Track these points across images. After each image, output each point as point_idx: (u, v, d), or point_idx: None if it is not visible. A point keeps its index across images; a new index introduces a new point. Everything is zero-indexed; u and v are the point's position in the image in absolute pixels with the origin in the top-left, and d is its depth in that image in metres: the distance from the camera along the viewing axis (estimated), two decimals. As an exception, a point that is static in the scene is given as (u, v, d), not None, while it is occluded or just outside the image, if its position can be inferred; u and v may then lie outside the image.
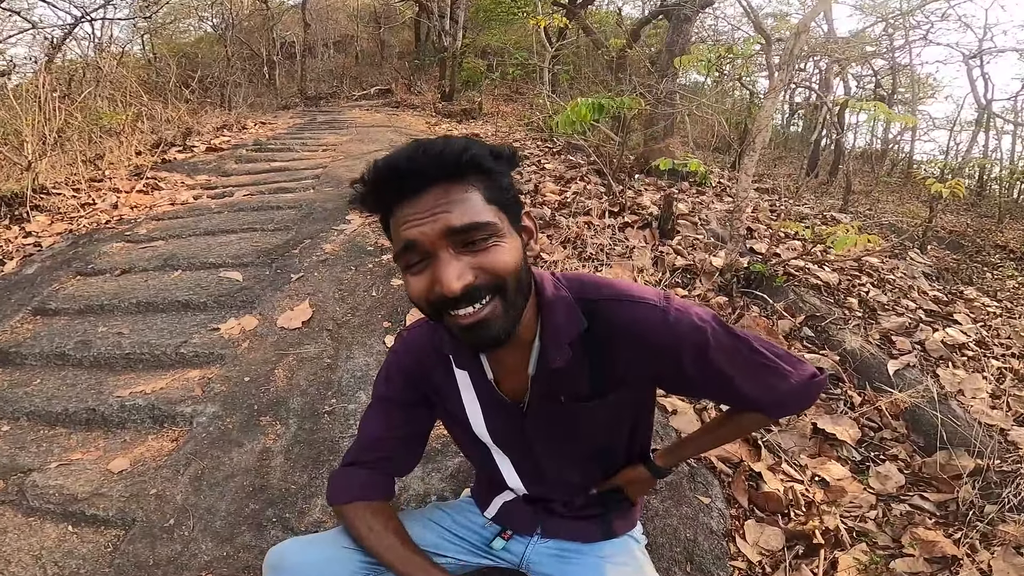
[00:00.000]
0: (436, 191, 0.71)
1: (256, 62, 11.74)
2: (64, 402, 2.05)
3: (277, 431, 1.82)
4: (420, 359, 0.96)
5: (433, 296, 0.73)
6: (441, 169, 0.71)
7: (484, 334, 0.74)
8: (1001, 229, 7.85)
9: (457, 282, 0.70)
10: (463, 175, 0.72)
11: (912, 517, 1.76)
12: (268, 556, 0.93)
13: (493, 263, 0.72)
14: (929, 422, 2.10)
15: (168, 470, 1.72)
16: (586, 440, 0.95)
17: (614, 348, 0.85)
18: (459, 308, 0.72)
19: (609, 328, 0.84)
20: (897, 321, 2.81)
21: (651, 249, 3.14)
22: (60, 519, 1.61)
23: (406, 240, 0.72)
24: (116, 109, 6.08)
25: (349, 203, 0.80)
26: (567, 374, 0.86)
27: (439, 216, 0.70)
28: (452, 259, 0.71)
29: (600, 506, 1.07)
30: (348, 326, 2.37)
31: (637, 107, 3.03)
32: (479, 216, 0.71)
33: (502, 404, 0.92)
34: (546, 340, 0.84)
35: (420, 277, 0.73)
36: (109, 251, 3.23)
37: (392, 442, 1.00)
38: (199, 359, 2.22)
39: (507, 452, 1.00)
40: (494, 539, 1.08)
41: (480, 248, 0.72)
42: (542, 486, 1.03)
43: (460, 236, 0.71)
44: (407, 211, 0.72)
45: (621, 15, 6.86)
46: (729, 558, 1.52)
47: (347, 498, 0.97)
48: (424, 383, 0.97)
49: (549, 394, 0.88)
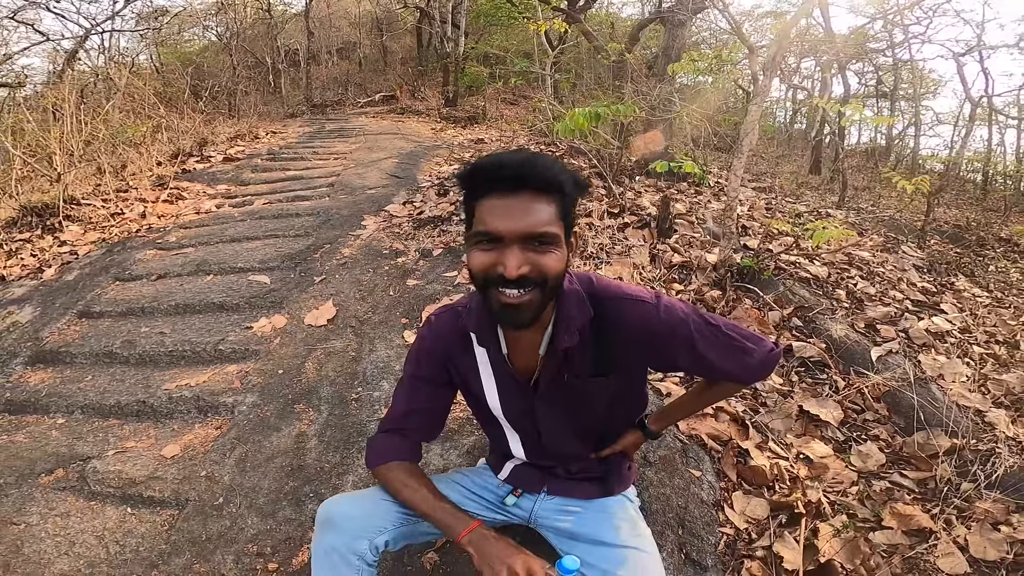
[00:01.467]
0: (527, 196, 0.90)
1: (261, 70, 11.96)
2: (116, 396, 2.25)
3: (311, 417, 2.02)
4: (445, 343, 1.15)
5: (491, 272, 0.91)
6: (539, 181, 0.90)
7: (517, 315, 0.93)
8: (1006, 222, 7.93)
9: (517, 270, 0.89)
10: (550, 191, 0.91)
11: (891, 493, 1.89)
12: (319, 512, 1.11)
13: (546, 265, 0.91)
14: (909, 404, 2.26)
15: (215, 454, 1.92)
16: (586, 415, 1.14)
17: (616, 337, 1.05)
18: (508, 288, 0.91)
19: (614, 321, 1.04)
20: (882, 310, 2.98)
21: (649, 247, 3.32)
22: (119, 502, 1.78)
23: (491, 228, 0.90)
24: (136, 121, 6.32)
25: (453, 176, 1.06)
26: (574, 355, 1.06)
27: (525, 219, 0.89)
28: (519, 251, 0.90)
29: (598, 469, 1.26)
30: (369, 323, 2.57)
31: (633, 114, 3.21)
32: (551, 228, 0.91)
33: (514, 380, 1.10)
34: (559, 325, 1.03)
35: (487, 255, 0.92)
36: (143, 258, 3.46)
37: (419, 413, 1.19)
38: (236, 355, 2.43)
39: (515, 427, 1.18)
40: (507, 496, 1.27)
41: (540, 250, 0.91)
42: (542, 457, 1.22)
43: (534, 238, 0.90)
44: (499, 203, 0.90)
45: (614, 27, 7.00)
46: (718, 525, 1.69)
47: (384, 459, 1.16)
48: (448, 363, 1.16)
49: (557, 372, 1.08)
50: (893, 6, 8.79)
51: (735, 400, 2.24)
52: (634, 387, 1.21)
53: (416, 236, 3.45)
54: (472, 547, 1.02)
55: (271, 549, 1.56)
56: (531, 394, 1.11)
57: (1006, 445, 2.02)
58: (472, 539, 1.02)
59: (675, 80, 4.33)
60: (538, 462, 1.25)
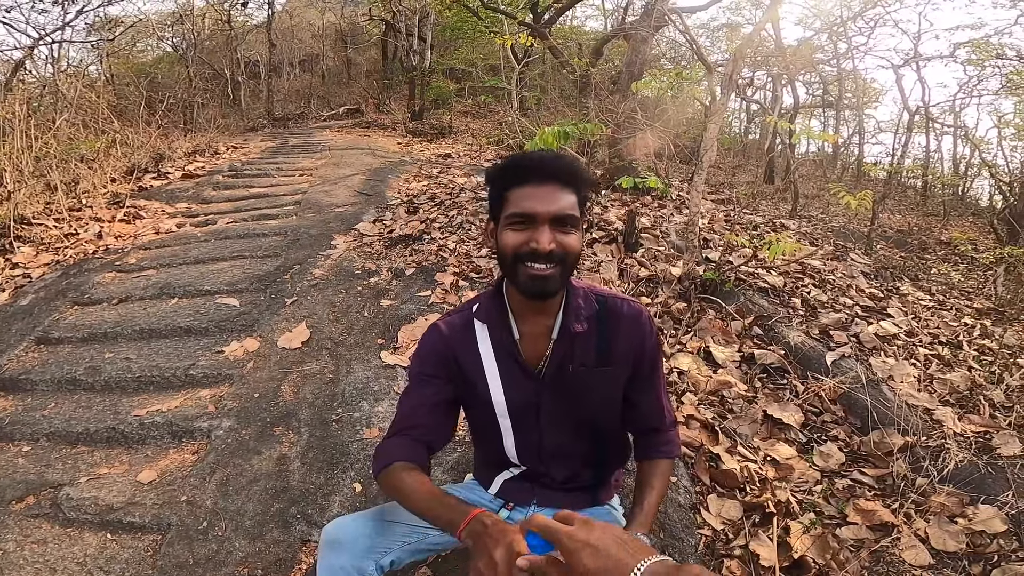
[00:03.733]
0: (554, 186, 1.06)
1: (220, 82, 11.71)
2: (83, 423, 2.20)
3: (291, 439, 2.01)
4: (449, 342, 1.20)
5: (523, 248, 1.05)
6: (565, 175, 1.08)
7: (545, 285, 1.07)
8: (945, 227, 8.44)
9: (548, 245, 1.04)
10: (572, 184, 1.08)
11: (853, 490, 2.00)
12: (325, 532, 1.12)
13: (569, 243, 1.07)
14: (863, 405, 2.40)
15: (195, 479, 1.89)
16: (586, 408, 1.21)
17: (616, 330, 1.19)
18: (538, 262, 1.05)
19: (615, 315, 1.19)
20: (834, 317, 3.15)
21: (617, 262, 3.42)
22: (98, 528, 1.76)
23: (526, 208, 1.05)
24: (88, 135, 6.10)
25: (485, 171, 1.20)
26: (581, 342, 1.17)
27: (555, 202, 1.05)
28: (549, 231, 1.05)
29: (586, 479, 1.32)
30: (345, 344, 2.57)
31: (600, 132, 3.32)
32: (574, 211, 1.07)
33: (521, 368, 1.17)
34: (569, 312, 1.16)
35: (520, 234, 1.06)
36: (102, 281, 3.35)
37: (424, 412, 1.18)
38: (208, 379, 2.39)
39: (515, 423, 1.22)
40: (499, 511, 1.31)
41: (564, 231, 1.06)
42: (539, 460, 1.26)
43: (560, 219, 1.05)
44: (531, 191, 1.06)
45: (582, 47, 7.17)
46: (696, 527, 1.77)
47: (388, 461, 1.13)
48: (451, 362, 1.20)
49: (563, 360, 1.16)
50: (837, 19, 9.32)
51: (704, 407, 2.34)
52: (626, 386, 1.25)
53: (388, 255, 3.46)
54: (471, 539, 0.94)
55: (263, 571, 1.56)
56: (536, 382, 1.18)
57: (954, 441, 2.17)
58: (471, 530, 0.95)
59: (638, 95, 4.48)
60: (529, 465, 1.28)
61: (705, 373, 2.58)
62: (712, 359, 2.72)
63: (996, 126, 9.95)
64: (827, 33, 9.45)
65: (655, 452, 1.27)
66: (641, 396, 1.24)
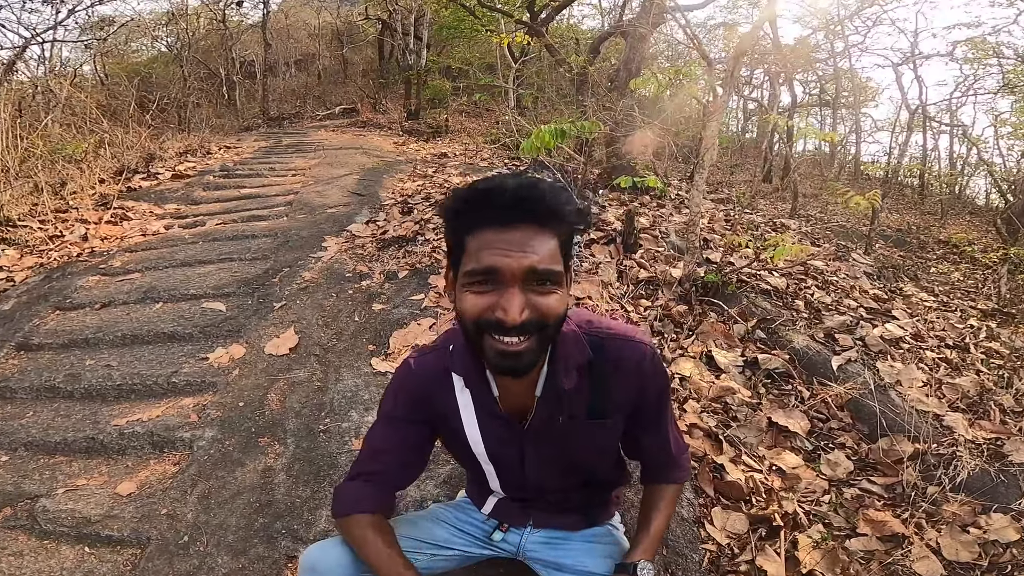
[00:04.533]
0: (528, 229, 0.80)
1: (214, 82, 11.61)
2: (62, 432, 2.11)
3: (276, 451, 1.93)
4: (425, 384, 1.07)
5: (488, 316, 0.81)
6: (544, 212, 0.80)
7: (516, 363, 0.84)
8: (943, 225, 8.42)
9: (519, 316, 0.79)
10: (552, 224, 0.81)
11: (862, 500, 1.93)
12: (303, 559, 1.04)
13: (548, 308, 0.82)
14: (870, 411, 2.33)
15: (175, 491, 1.81)
16: (577, 457, 1.10)
17: (616, 378, 1.00)
18: (507, 336, 0.81)
19: (614, 361, 0.99)
20: (839, 319, 3.08)
21: (616, 264, 3.34)
22: (75, 541, 1.69)
23: (488, 265, 0.79)
24: (76, 135, 5.99)
25: (436, 210, 0.94)
26: (570, 397, 1.00)
27: (527, 255, 0.79)
28: (519, 294, 0.80)
29: (580, 500, 1.23)
30: (334, 351, 2.49)
31: (597, 130, 3.24)
32: (555, 265, 0.81)
33: (504, 422, 1.04)
34: (557, 366, 0.97)
35: (482, 297, 0.81)
36: (85, 285, 3.25)
37: (394, 455, 1.09)
38: (191, 387, 2.30)
39: (497, 467, 1.12)
40: (494, 532, 1.23)
41: (542, 291, 0.81)
42: (522, 491, 1.18)
43: (535, 277, 0.80)
44: (494, 238, 0.79)
45: (579, 43, 7.11)
46: (700, 542, 1.69)
47: (350, 510, 1.05)
48: (427, 406, 1.08)
49: (551, 415, 1.02)
50: (834, 17, 9.28)
51: (707, 415, 2.26)
52: (624, 431, 1.16)
53: (380, 257, 3.37)
54: None
55: (245, 590, 1.47)
56: (520, 436, 1.06)
57: (966, 448, 2.10)
58: None
59: (636, 93, 4.41)
60: (518, 495, 1.21)
61: (707, 379, 2.50)
62: (714, 364, 2.64)
63: (993, 124, 9.94)
64: (824, 32, 9.41)
65: (663, 478, 1.17)
66: (645, 435, 1.11)
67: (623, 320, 2.76)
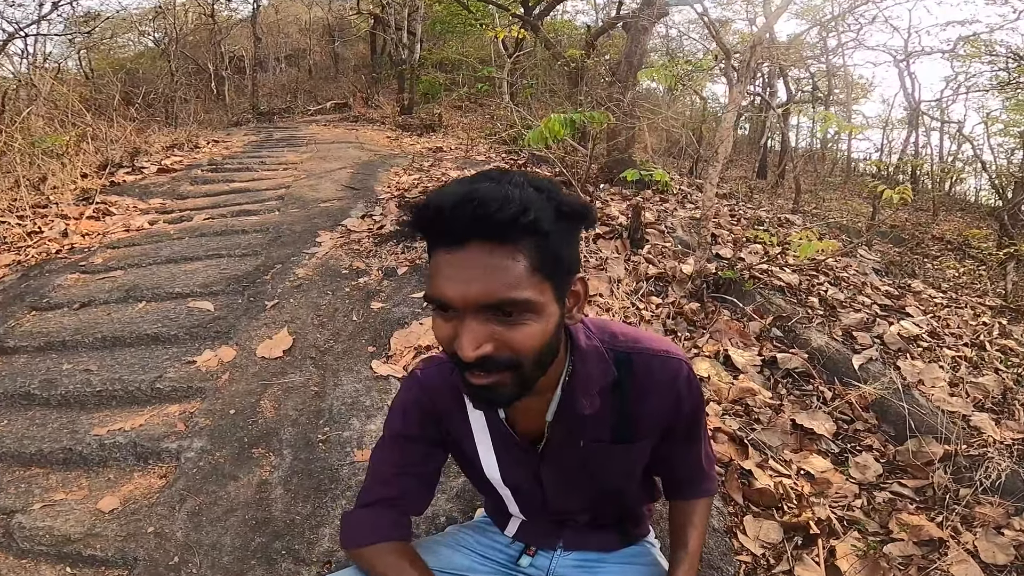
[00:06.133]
0: (479, 248, 0.64)
1: (203, 77, 11.36)
2: (37, 443, 1.95)
3: (272, 462, 1.78)
4: (434, 398, 0.94)
5: (452, 348, 0.69)
6: (489, 229, 0.63)
7: (489, 397, 0.72)
8: (937, 222, 8.44)
9: (472, 352, 0.66)
10: (515, 236, 0.64)
11: (895, 504, 1.86)
12: None
13: (514, 341, 0.67)
14: (896, 412, 2.24)
15: (163, 507, 1.67)
16: (601, 482, 0.97)
17: (646, 399, 0.88)
18: (471, 369, 0.69)
19: (644, 380, 0.86)
20: (856, 317, 2.98)
21: (624, 259, 3.22)
22: (56, 560, 1.56)
23: (437, 293, 0.67)
24: (56, 129, 5.78)
25: (397, 228, 0.78)
26: (591, 420, 0.87)
27: (473, 283, 0.64)
28: (477, 326, 0.66)
29: (614, 516, 1.10)
30: (332, 353, 2.34)
31: (606, 121, 3.12)
32: (516, 291, 0.65)
33: (517, 447, 0.92)
34: (577, 387, 0.84)
35: (448, 325, 0.69)
36: (64, 283, 3.07)
37: (409, 479, 0.97)
38: (177, 393, 2.14)
39: (515, 493, 1.00)
40: (520, 556, 1.09)
41: (508, 323, 0.67)
42: (545, 514, 1.05)
43: (493, 308, 0.66)
44: (444, 260, 0.66)
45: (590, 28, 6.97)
46: (734, 553, 1.58)
47: (369, 540, 0.93)
48: (438, 422, 0.96)
49: (569, 438, 0.89)
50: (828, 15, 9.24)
51: (729, 418, 2.14)
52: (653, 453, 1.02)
53: (378, 253, 3.21)
54: None
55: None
56: (536, 461, 0.93)
57: (995, 449, 2.03)
58: None
59: (639, 87, 4.29)
60: (537, 519, 1.08)
61: (726, 380, 2.38)
62: (731, 363, 2.53)
63: (983, 122, 9.94)
64: (818, 27, 9.36)
65: (692, 493, 1.05)
66: (676, 454, 0.98)
67: (637, 321, 2.64)
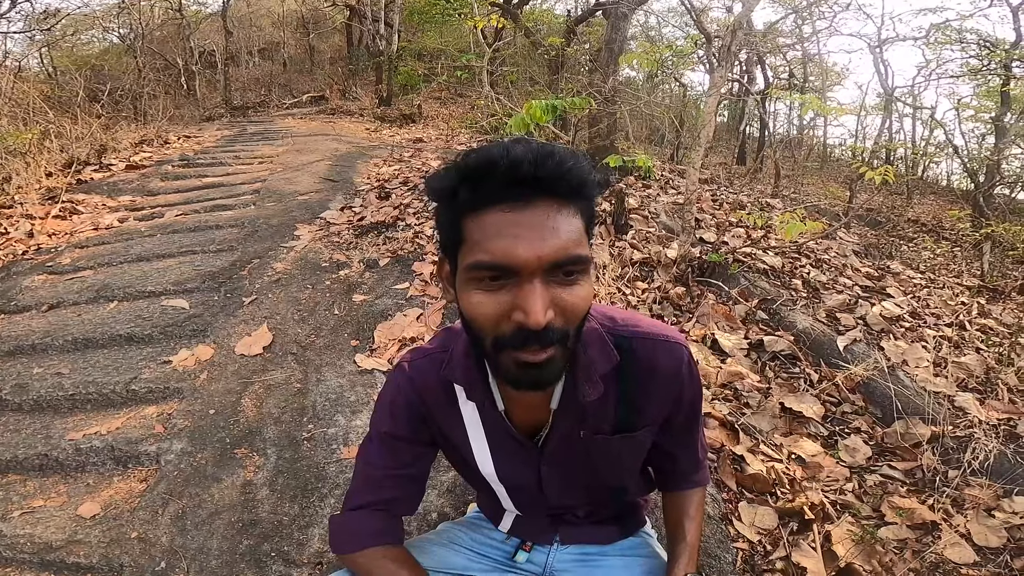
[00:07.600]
0: (546, 206, 0.62)
1: (172, 73, 11.05)
2: (11, 449, 1.88)
3: (256, 463, 1.72)
4: (422, 393, 0.90)
5: (504, 324, 0.64)
6: (564, 185, 0.62)
7: (540, 376, 0.67)
8: (911, 205, 8.60)
9: (543, 316, 0.62)
10: (577, 198, 0.64)
11: (885, 486, 1.87)
12: None
13: (574, 304, 0.65)
14: (883, 393, 2.25)
15: (145, 512, 1.61)
16: (602, 475, 0.94)
17: (648, 386, 0.85)
18: (528, 345, 0.64)
19: (647, 365, 0.84)
20: (839, 299, 3.00)
21: (608, 245, 3.20)
22: (40, 568, 1.51)
23: (503, 256, 0.61)
24: (19, 128, 5.56)
25: (424, 189, 0.67)
26: (594, 408, 0.84)
27: (548, 239, 0.61)
28: (542, 289, 0.62)
29: (612, 509, 1.08)
30: (313, 348, 2.27)
31: (587, 107, 3.08)
32: (583, 248, 0.64)
33: (515, 441, 0.88)
34: (579, 373, 0.80)
35: (493, 297, 0.64)
36: (31, 285, 2.95)
37: (399, 481, 0.93)
38: (154, 395, 2.07)
39: (510, 489, 0.97)
40: (516, 552, 1.06)
41: (566, 283, 0.64)
42: (540, 508, 1.02)
43: (561, 267, 0.63)
44: (506, 219, 0.61)
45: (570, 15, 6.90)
46: (731, 540, 1.57)
47: (361, 544, 0.89)
48: (427, 418, 0.91)
49: (571, 429, 0.86)
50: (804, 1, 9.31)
51: (719, 402, 2.13)
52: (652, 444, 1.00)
53: (359, 245, 3.14)
54: None
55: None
56: (536, 455, 0.89)
57: (981, 430, 2.04)
58: None
59: (620, 74, 4.26)
60: (532, 515, 1.04)
61: (714, 364, 2.37)
62: (718, 347, 2.53)
63: (955, 108, 10.13)
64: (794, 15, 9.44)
65: (687, 484, 1.03)
66: (674, 445, 0.96)
67: (624, 307, 2.62)
